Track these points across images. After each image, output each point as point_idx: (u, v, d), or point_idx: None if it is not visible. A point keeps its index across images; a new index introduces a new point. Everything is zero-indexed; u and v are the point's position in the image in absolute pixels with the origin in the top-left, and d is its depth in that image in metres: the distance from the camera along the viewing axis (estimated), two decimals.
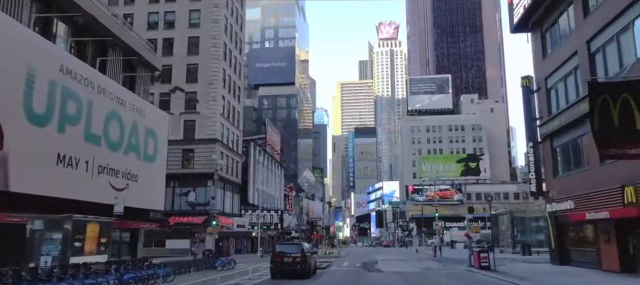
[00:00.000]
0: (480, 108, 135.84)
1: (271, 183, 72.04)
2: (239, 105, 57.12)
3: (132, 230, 28.83)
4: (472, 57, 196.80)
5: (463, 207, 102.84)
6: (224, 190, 50.12)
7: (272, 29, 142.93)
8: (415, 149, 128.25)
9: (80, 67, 22.25)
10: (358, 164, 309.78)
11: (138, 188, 26.92)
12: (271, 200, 69.94)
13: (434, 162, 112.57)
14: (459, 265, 29.02)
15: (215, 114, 47.42)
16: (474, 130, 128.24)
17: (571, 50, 23.86)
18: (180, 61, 48.80)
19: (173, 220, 45.21)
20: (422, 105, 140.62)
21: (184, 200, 46.63)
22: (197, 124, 47.48)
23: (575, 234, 24.97)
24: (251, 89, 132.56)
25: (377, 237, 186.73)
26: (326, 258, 39.15)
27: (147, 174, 28.20)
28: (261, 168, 65.00)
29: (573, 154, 24.45)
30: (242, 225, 53.56)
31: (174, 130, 47.48)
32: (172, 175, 45.81)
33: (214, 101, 47.59)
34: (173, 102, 47.91)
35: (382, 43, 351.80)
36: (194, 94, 47.93)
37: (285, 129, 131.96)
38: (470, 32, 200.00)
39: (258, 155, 63.14)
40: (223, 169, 49.26)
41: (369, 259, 39.04)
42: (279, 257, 18.92)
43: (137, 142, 27.27)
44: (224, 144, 49.62)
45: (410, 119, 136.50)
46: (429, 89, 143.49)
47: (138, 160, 27.33)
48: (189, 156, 47.13)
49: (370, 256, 44.45)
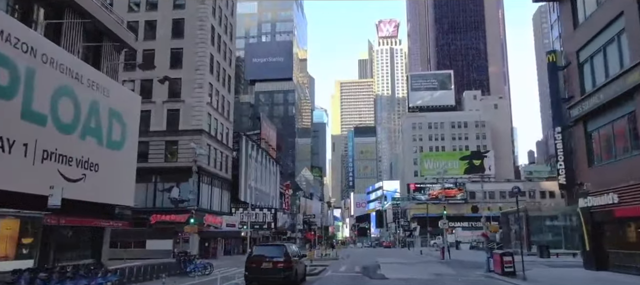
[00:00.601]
0: (483, 104, 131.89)
1: (265, 180, 68.04)
2: (230, 96, 53.06)
3: (95, 230, 24.78)
4: (474, 54, 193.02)
5: (467, 206, 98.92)
6: (211, 186, 46.05)
7: (269, 23, 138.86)
8: (416, 146, 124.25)
9: (17, 30, 18.17)
10: (358, 164, 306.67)
11: (99, 179, 22.83)
12: (265, 198, 65.94)
13: (437, 159, 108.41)
14: (474, 270, 24.98)
15: (201, 102, 43.34)
16: (478, 127, 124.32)
17: (614, 12, 19.81)
18: (164, 45, 44.74)
19: (154, 218, 41.24)
20: (424, 101, 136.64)
21: (166, 196, 42.52)
22: (181, 113, 43.41)
23: (616, 233, 20.91)
24: (247, 84, 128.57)
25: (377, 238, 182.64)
26: (321, 261, 35.07)
27: (111, 164, 24.10)
28: (254, 164, 60.97)
29: (616, 138, 20.39)
30: (232, 225, 49.52)
31: (157, 121, 43.48)
32: (153, 169, 41.85)
33: (201, 89, 43.51)
34: (155, 89, 43.84)
35: (382, 41, 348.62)
36: (179, 81, 43.83)
37: (283, 126, 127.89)
38: (472, 28, 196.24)
39: (251, 150, 59.12)
40: (210, 162, 45.21)
41: (369, 261, 34.99)
42: (255, 262, 14.86)
43: (99, 125, 23.17)
44: (211, 135, 45.53)
45: (412, 115, 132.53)
46: (431, 85, 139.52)
47: (99, 146, 23.21)
48: (172, 149, 43.04)
49: (371, 258, 40.40)
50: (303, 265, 18.06)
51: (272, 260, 14.57)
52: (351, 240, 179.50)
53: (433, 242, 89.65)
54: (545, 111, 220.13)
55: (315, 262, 30.93)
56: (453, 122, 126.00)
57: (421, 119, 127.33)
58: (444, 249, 36.71)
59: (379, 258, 40.42)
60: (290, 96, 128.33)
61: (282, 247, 15.62)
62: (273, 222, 55.26)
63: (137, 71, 44.43)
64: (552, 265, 27.00)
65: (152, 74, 44.09)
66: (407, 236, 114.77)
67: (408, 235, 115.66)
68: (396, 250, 79.46)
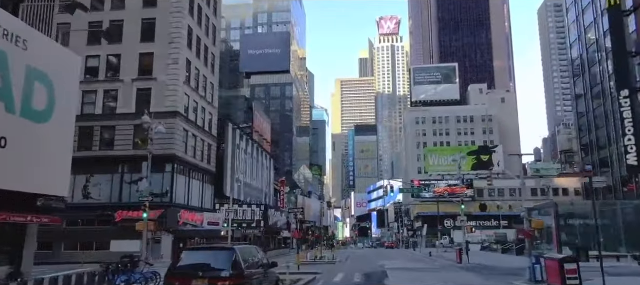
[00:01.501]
0: (490, 98, 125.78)
1: (258, 175, 62.09)
2: (214, 78, 47.05)
3: (13, 228, 18.73)
4: (478, 50, 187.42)
5: (474, 204, 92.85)
6: (189, 178, 40.03)
7: (265, 13, 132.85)
8: (420, 142, 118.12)
9: None
10: (358, 163, 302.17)
11: (9, 159, 16.81)
12: (257, 194, 59.95)
13: (442, 155, 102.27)
14: (510, 279, 18.94)
15: (176, 80, 37.29)
16: (485, 121, 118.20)
17: None
18: (134, 15, 38.71)
19: (120, 215, 35.19)
20: (427, 96, 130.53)
21: (135, 189, 36.46)
22: (154, 93, 37.39)
23: None
24: (243, 77, 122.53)
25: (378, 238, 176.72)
26: (313, 267, 29.01)
27: (30, 140, 18.00)
28: (244, 156, 55.00)
29: None
30: (216, 223, 43.40)
31: (125, 102, 37.49)
32: (120, 158, 35.86)
33: (176, 65, 37.47)
34: (124, 66, 37.86)
35: (383, 39, 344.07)
36: (151, 57, 37.84)
37: (280, 121, 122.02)
38: (476, 24, 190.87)
39: (239, 140, 53.12)
40: (188, 151, 39.19)
41: (372, 266, 28.96)
42: (180, 279, 8.81)
43: (7, 85, 17.14)
44: (189, 120, 39.49)
45: (415, 110, 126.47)
46: (434, 78, 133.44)
47: (9, 114, 17.19)
48: (143, 134, 36.94)
49: (374, 262, 34.34)
50: (273, 277, 11.86)
51: (210, 277, 8.53)
52: (352, 241, 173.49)
53: (439, 242, 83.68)
54: (551, 107, 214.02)
55: (304, 268, 24.91)
56: (458, 116, 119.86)
57: (425, 114, 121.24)
58: (462, 251, 30.65)
59: (384, 262, 34.36)
60: (288, 89, 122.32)
61: (230, 251, 9.38)
62: (263, 220, 49.20)
63: (103, 45, 38.53)
64: (618, 274, 20.81)
65: (121, 48, 38.21)
66: (411, 236, 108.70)
67: (412, 235, 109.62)
68: (400, 252, 73.42)
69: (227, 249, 10.16)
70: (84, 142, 37.04)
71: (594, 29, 62.77)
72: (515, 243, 54.55)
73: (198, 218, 40.70)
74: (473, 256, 40.24)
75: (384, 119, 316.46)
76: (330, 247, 64.74)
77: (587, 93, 69.56)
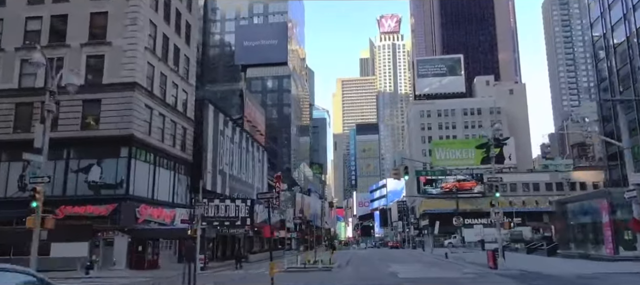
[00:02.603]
0: (497, 90, 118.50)
1: (248, 168, 55.05)
2: (189, 51, 39.94)
3: None
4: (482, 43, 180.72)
5: (485, 201, 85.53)
6: (155, 166, 32.92)
7: (261, 3, 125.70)
8: (425, 136, 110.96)
9: None
10: (360, 162, 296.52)
11: None
12: (247, 190, 52.75)
13: (450, 148, 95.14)
14: None
15: (135, 45, 30.17)
16: (493, 114, 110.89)
17: None
18: None
19: (63, 211, 28.14)
20: (431, 89, 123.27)
21: (82, 179, 29.49)
22: (107, 61, 30.33)
23: None
24: (239, 71, 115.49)
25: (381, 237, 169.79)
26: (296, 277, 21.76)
27: None
28: (230, 145, 47.94)
29: None
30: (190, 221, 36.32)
31: (72, 72, 30.32)
32: (65, 140, 28.79)
33: (134, 26, 30.36)
34: (71, 29, 30.83)
35: (384, 37, 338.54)
36: (104, 17, 30.82)
37: (277, 115, 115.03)
38: (480, 19, 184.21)
39: (224, 126, 46.06)
40: (152, 132, 32.10)
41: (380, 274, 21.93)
42: None
43: None
44: (153, 94, 32.30)
45: (419, 103, 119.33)
46: (439, 70, 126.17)
47: None
48: (93, 112, 29.99)
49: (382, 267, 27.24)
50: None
51: None
52: (354, 241, 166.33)
53: (448, 241, 76.57)
54: (557, 102, 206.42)
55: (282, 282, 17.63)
56: (465, 109, 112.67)
57: (430, 106, 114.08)
58: (496, 253, 23.49)
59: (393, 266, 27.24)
60: (286, 82, 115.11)
61: None
62: (249, 217, 41.98)
63: (47, 4, 31.57)
64: None
65: (68, 7, 31.19)
66: (418, 235, 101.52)
67: (418, 234, 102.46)
68: (408, 252, 66.35)
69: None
70: (22, 121, 30.15)
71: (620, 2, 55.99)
72: (544, 241, 47.53)
73: (167, 214, 33.63)
74: (509, 259, 33.21)
75: (386, 117, 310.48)
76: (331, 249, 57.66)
77: (612, 75, 62.38)
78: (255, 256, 43.15)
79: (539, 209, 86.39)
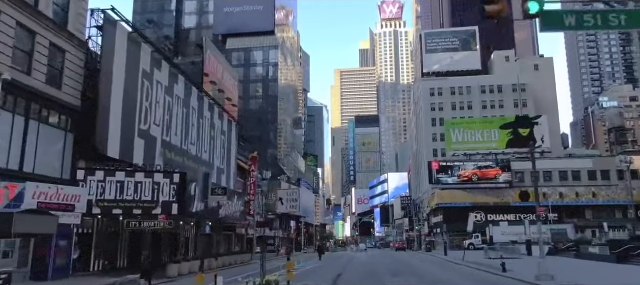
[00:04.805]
0: (519, 66, 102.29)
1: (204, 141, 38.80)
2: None
3: None
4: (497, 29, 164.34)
5: (512, 192, 69.58)
6: None
7: None
8: (436, 118, 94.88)
9: None
10: (359, 156, 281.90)
11: None
12: (202, 170, 36.53)
13: (468, 128, 78.94)
14: None
15: None
16: (516, 92, 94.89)
17: None
18: None
19: None
20: (442, 66, 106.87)
21: None
22: None
23: None
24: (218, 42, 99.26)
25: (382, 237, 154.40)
26: None
27: None
28: (168, 100, 31.75)
29: None
30: (68, 205, 20.12)
31: None
32: None
33: None
34: None
35: (385, 24, 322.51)
36: None
37: (263, 93, 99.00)
38: None
39: (155, 68, 29.87)
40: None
41: None
42: None
43: None
44: None
45: (429, 80, 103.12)
46: (451, 45, 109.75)
47: None
48: None
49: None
50: None
51: None
52: (353, 241, 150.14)
53: (468, 242, 60.60)
54: (576, 90, 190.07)
55: None
56: (483, 86, 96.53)
57: (442, 83, 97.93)
58: None
59: None
60: (272, 54, 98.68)
61: None
62: (178, 202, 25.15)
63: None
64: None
65: None
66: (428, 234, 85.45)
67: (428, 233, 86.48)
68: (422, 257, 50.34)
69: None
70: None
71: None
72: (614, 244, 33.61)
73: (14, 188, 17.46)
74: (568, 268, 17.31)
75: (387, 109, 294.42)
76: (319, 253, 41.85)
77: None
78: (188, 264, 26.48)
79: (580, 202, 70.25)
